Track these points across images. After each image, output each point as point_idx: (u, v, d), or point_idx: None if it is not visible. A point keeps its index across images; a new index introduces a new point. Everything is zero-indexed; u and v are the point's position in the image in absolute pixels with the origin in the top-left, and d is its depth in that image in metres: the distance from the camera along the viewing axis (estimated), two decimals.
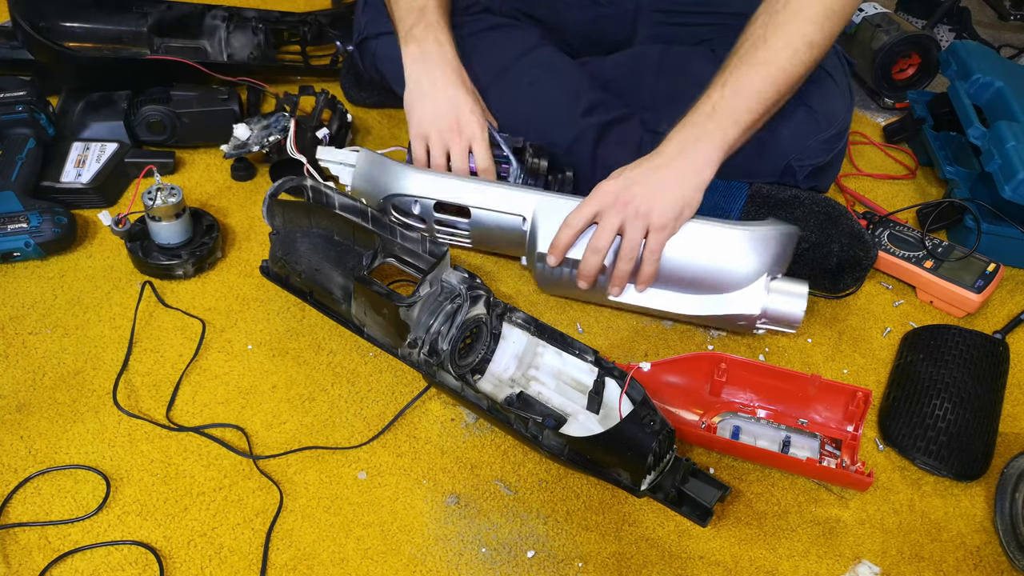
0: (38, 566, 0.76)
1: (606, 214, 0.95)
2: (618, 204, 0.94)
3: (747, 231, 0.96)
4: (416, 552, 0.81)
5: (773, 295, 0.98)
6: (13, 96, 1.12)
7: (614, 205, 0.94)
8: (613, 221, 0.95)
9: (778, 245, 0.98)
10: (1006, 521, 0.86)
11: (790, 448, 0.91)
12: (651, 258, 0.96)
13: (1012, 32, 1.81)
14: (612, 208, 0.95)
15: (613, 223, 0.95)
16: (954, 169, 1.26)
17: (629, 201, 0.94)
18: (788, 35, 0.96)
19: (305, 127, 1.16)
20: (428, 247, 0.95)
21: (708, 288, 0.98)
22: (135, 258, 1.03)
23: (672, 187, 0.94)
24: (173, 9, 1.31)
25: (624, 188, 0.94)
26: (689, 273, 0.98)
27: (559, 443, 0.83)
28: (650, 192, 0.94)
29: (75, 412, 0.89)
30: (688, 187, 0.95)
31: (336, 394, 0.94)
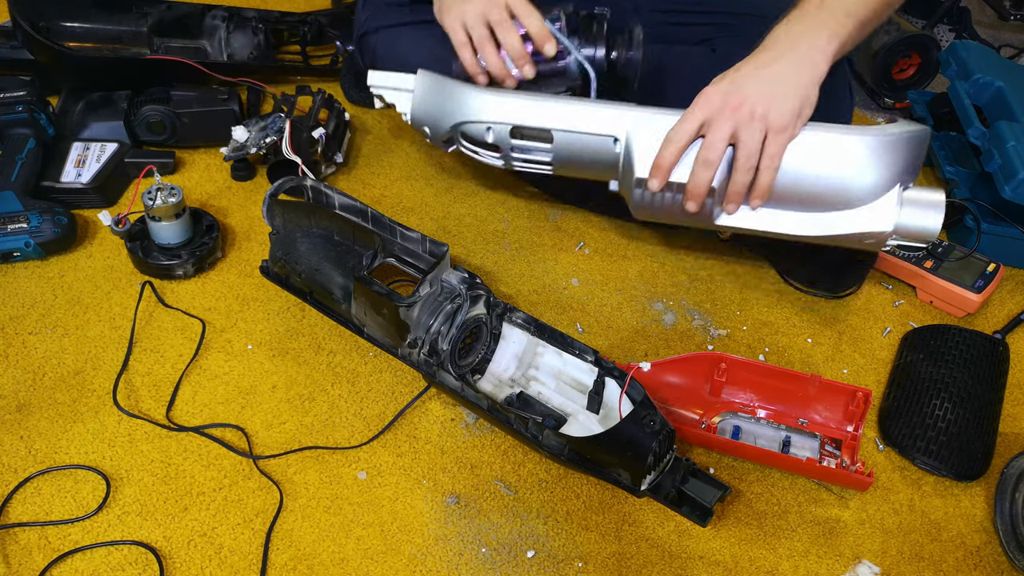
0: (38, 566, 0.76)
1: (715, 122, 0.84)
2: (728, 109, 0.83)
3: (874, 137, 0.84)
4: (416, 552, 0.81)
5: (907, 208, 0.87)
6: (13, 96, 1.12)
7: (723, 110, 0.83)
8: (725, 129, 0.83)
9: (909, 150, 0.85)
10: (1006, 521, 0.86)
11: (790, 448, 0.91)
12: (771, 165, 0.84)
13: (1012, 32, 1.81)
14: (722, 114, 0.83)
15: (725, 131, 0.83)
16: (954, 169, 1.26)
17: (741, 104, 0.83)
18: None
19: (301, 127, 1.16)
20: (428, 247, 0.95)
21: (832, 204, 0.87)
22: (135, 258, 1.03)
23: (788, 82, 0.83)
24: (173, 9, 1.31)
25: (734, 90, 0.84)
26: (812, 186, 0.86)
27: (559, 443, 0.83)
28: (764, 90, 0.83)
29: (75, 412, 0.89)
30: (805, 81, 0.84)
31: (336, 394, 0.94)
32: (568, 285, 1.10)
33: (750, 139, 0.83)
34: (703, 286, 1.12)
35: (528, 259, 1.13)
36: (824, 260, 1.06)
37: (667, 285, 1.11)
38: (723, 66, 1.11)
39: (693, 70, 1.14)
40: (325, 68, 1.41)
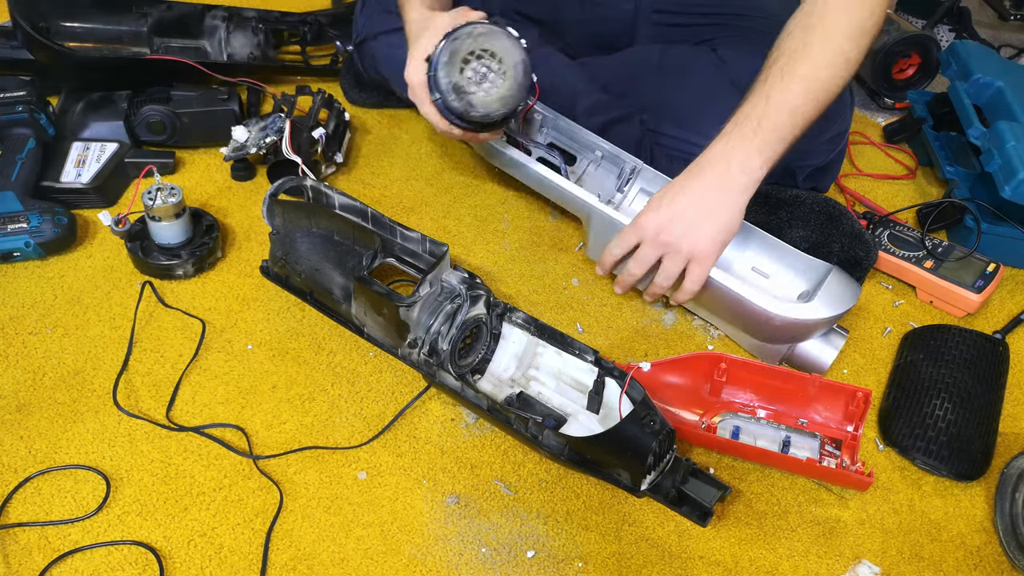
0: (38, 566, 0.76)
1: (645, 246, 0.95)
2: (657, 242, 0.94)
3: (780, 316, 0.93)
4: (416, 552, 0.81)
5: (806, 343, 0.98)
6: (13, 96, 1.12)
7: (653, 241, 0.94)
8: (652, 255, 0.95)
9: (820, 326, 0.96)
10: (1006, 521, 0.86)
11: (790, 448, 0.91)
12: (690, 288, 0.96)
13: (1012, 32, 1.81)
14: (651, 244, 0.95)
15: (651, 256, 0.96)
16: (954, 169, 1.26)
17: (669, 241, 0.93)
18: (827, 52, 0.93)
19: (301, 127, 1.16)
20: (428, 247, 0.95)
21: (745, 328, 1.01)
22: (135, 258, 1.03)
23: (716, 218, 0.92)
24: (173, 9, 1.31)
25: (665, 225, 0.93)
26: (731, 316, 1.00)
27: (559, 443, 0.83)
28: (692, 227, 0.92)
29: (75, 412, 0.89)
30: (732, 213, 0.93)
31: (336, 394, 0.94)
32: (568, 285, 1.10)
33: (672, 266, 0.95)
34: None
35: (528, 259, 1.13)
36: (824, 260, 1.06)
37: None
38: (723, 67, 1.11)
39: (693, 70, 1.14)
40: (325, 68, 1.41)
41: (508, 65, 0.84)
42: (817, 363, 0.98)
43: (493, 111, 0.87)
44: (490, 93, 0.86)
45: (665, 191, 0.95)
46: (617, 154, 1.08)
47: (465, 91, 0.87)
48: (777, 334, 0.97)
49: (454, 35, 0.85)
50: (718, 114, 1.10)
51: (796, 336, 0.97)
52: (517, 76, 0.84)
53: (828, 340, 0.98)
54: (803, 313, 0.93)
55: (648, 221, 0.95)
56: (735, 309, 0.98)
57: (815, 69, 0.92)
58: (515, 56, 0.84)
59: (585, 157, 1.12)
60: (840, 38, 0.93)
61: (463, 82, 0.87)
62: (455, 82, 0.87)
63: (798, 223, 1.07)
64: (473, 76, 0.87)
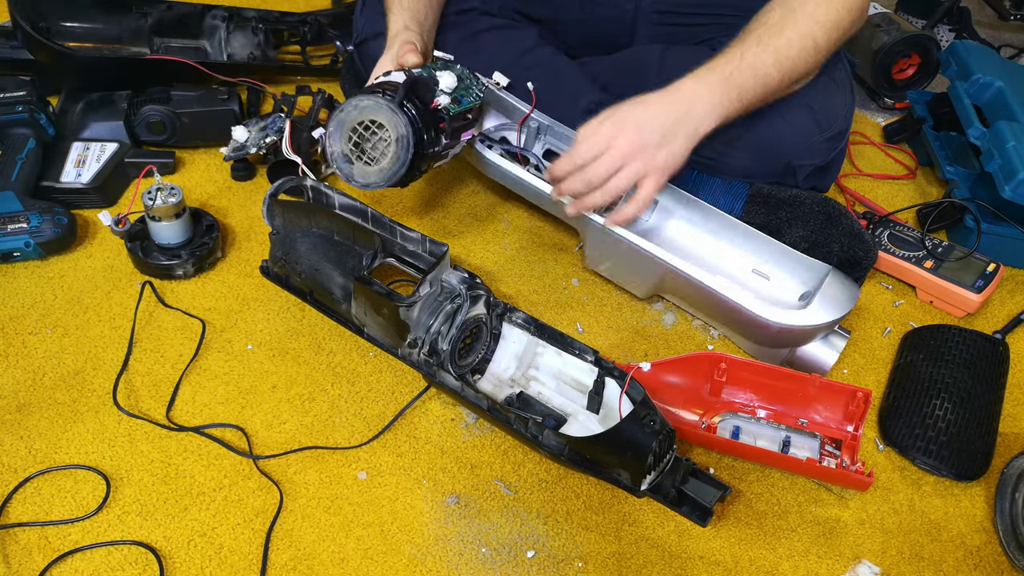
0: (38, 566, 0.76)
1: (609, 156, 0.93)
2: (619, 153, 0.92)
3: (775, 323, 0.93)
4: (416, 552, 0.81)
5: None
6: (13, 96, 1.12)
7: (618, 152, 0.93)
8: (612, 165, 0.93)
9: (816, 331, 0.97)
10: (1006, 521, 0.86)
11: (790, 448, 0.91)
12: (645, 198, 0.95)
13: (1012, 32, 1.81)
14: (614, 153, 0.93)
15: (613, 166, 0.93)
16: (954, 169, 1.26)
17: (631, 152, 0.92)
18: (802, 32, 0.97)
19: (301, 127, 1.16)
20: (428, 247, 0.95)
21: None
22: (135, 258, 1.03)
23: (673, 143, 0.93)
24: (173, 9, 1.31)
25: (633, 137, 0.92)
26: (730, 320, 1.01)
27: (559, 443, 0.83)
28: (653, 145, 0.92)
29: (75, 412, 0.89)
30: (685, 148, 0.94)
31: (336, 394, 0.94)
32: (568, 285, 1.10)
33: (629, 176, 0.93)
34: None
35: (528, 259, 1.13)
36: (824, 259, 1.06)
37: None
38: None
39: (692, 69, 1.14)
40: (325, 68, 1.41)
41: (392, 139, 0.85)
42: (818, 365, 0.98)
43: (372, 183, 0.88)
44: (370, 165, 0.87)
45: (631, 107, 0.94)
46: None
47: (348, 161, 0.88)
48: (776, 340, 0.97)
49: (341, 106, 0.87)
50: None
51: (796, 341, 0.97)
52: (398, 152, 0.84)
53: (829, 342, 0.99)
54: (801, 319, 0.93)
55: (616, 134, 0.93)
56: (734, 316, 0.98)
57: (788, 46, 0.97)
58: (398, 131, 0.84)
59: None
60: (815, 26, 0.97)
61: (347, 151, 0.88)
62: (339, 151, 0.88)
63: (798, 223, 1.07)
64: (359, 145, 0.87)
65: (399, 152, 0.84)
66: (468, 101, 0.95)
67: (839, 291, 0.96)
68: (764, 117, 1.08)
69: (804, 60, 0.98)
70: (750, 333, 0.99)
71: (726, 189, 1.11)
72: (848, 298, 0.95)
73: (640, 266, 1.01)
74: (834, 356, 0.98)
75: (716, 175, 1.12)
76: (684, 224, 1.07)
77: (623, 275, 1.07)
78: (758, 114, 1.08)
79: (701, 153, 1.12)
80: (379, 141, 0.85)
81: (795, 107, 1.07)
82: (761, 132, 1.07)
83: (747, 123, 1.09)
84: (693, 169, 1.13)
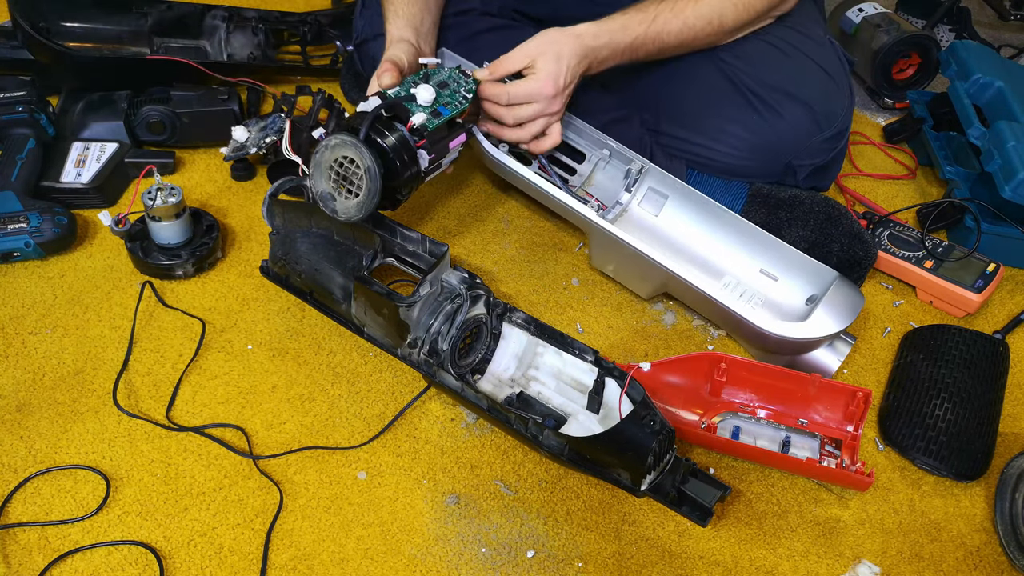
0: (38, 566, 0.76)
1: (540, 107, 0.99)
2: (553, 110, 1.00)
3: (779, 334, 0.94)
4: (416, 552, 0.81)
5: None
6: (13, 96, 1.12)
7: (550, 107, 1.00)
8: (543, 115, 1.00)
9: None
10: (1006, 521, 0.86)
11: (790, 448, 0.91)
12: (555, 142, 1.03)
13: (1012, 32, 1.81)
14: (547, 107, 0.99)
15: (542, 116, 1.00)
16: (954, 169, 1.26)
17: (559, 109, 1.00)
18: (712, 7, 1.02)
19: (301, 127, 1.15)
20: (428, 247, 0.95)
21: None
22: (135, 258, 1.03)
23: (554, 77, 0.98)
24: (173, 9, 1.31)
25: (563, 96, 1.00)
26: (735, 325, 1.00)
27: (559, 443, 0.83)
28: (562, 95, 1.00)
29: (75, 412, 0.89)
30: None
31: (336, 394, 0.94)
32: (568, 285, 1.10)
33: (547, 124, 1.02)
34: None
35: (528, 259, 1.13)
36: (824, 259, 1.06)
37: None
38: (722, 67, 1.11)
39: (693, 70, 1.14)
40: (325, 68, 1.41)
41: (362, 171, 0.86)
42: (821, 369, 0.98)
43: (352, 216, 0.89)
44: (349, 199, 0.89)
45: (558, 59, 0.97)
46: (624, 152, 1.08)
47: (331, 199, 0.90)
48: (779, 349, 0.97)
49: (317, 147, 0.89)
50: (718, 113, 1.10)
51: (799, 350, 0.97)
52: (369, 184, 0.86)
53: (834, 348, 0.99)
54: (804, 332, 0.93)
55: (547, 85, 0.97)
56: (734, 325, 0.99)
57: (696, 18, 1.02)
58: (365, 163, 0.86)
59: (593, 155, 1.12)
60: (728, 2, 1.03)
61: (329, 189, 0.90)
62: (321, 191, 0.90)
63: (798, 223, 1.07)
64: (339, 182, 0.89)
65: (370, 184, 0.86)
66: (450, 110, 0.95)
67: (844, 299, 0.95)
68: (764, 117, 1.08)
69: (707, 35, 1.04)
70: (753, 340, 0.99)
71: (726, 189, 1.12)
72: (852, 307, 0.95)
73: (643, 269, 1.01)
74: (837, 362, 0.98)
75: (716, 175, 1.12)
76: (691, 222, 1.07)
77: (627, 276, 1.07)
78: (758, 114, 1.08)
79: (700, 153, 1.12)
80: (355, 173, 0.87)
81: (795, 107, 1.07)
82: (761, 132, 1.07)
83: (747, 123, 1.09)
84: (692, 168, 1.13)
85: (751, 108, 1.08)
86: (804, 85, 1.08)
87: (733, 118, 1.09)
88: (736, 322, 0.97)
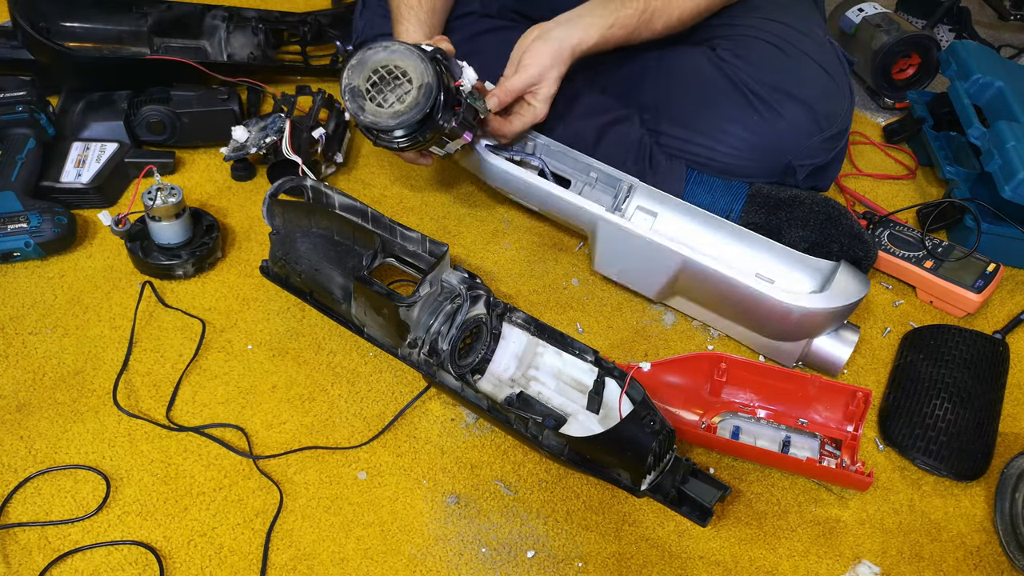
0: (38, 566, 0.76)
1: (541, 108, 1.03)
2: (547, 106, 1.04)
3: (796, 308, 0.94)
4: (416, 552, 0.81)
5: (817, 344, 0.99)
6: (13, 96, 1.12)
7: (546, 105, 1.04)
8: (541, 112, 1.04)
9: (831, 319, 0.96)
10: (1006, 521, 0.86)
11: (790, 448, 0.91)
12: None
13: (1012, 32, 1.81)
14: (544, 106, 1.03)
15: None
16: (954, 169, 1.26)
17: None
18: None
19: (301, 127, 1.16)
20: (428, 247, 0.95)
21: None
22: (135, 258, 1.03)
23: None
24: (173, 9, 1.31)
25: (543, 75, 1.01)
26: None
27: (559, 443, 0.83)
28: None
29: (75, 412, 0.89)
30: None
31: (336, 394, 0.94)
32: (568, 285, 1.10)
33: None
34: None
35: (528, 259, 1.13)
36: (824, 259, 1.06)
37: None
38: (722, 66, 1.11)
39: (692, 70, 1.14)
40: (325, 68, 1.41)
41: (415, 86, 0.85)
42: (833, 360, 0.98)
43: (381, 123, 0.88)
44: (383, 106, 0.87)
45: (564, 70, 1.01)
46: (612, 173, 1.07)
47: (361, 96, 0.88)
48: (796, 329, 0.96)
49: (372, 44, 0.87)
50: (718, 113, 1.10)
51: (813, 330, 0.96)
52: (419, 99, 0.85)
53: (841, 337, 0.98)
54: (821, 303, 0.93)
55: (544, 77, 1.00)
56: (750, 309, 0.97)
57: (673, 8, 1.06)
58: (424, 79, 0.84)
59: (579, 180, 1.11)
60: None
61: (362, 88, 0.88)
62: (355, 85, 0.88)
63: (798, 223, 1.07)
64: (376, 87, 0.88)
65: (420, 99, 0.84)
66: (480, 104, 0.96)
67: (851, 279, 0.96)
68: (764, 117, 1.08)
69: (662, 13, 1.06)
70: (767, 327, 0.98)
71: (726, 189, 1.12)
72: (861, 283, 0.96)
73: (655, 263, 0.99)
74: (848, 351, 0.98)
75: (716, 174, 1.12)
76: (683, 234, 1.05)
77: (635, 276, 1.06)
78: (758, 114, 1.08)
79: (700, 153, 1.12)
80: (396, 89, 0.85)
81: (795, 107, 1.07)
82: (761, 132, 1.07)
83: (747, 123, 1.09)
84: (692, 168, 1.13)
85: (751, 108, 1.08)
86: (804, 85, 1.08)
87: (733, 118, 1.09)
88: (750, 306, 0.95)
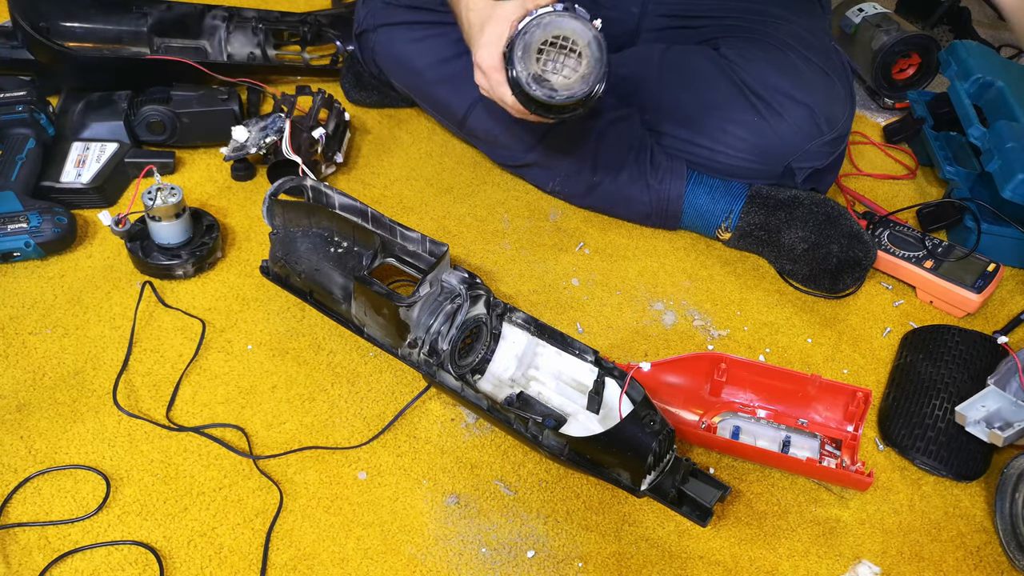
0: (38, 566, 0.76)
1: None
2: None
3: None
4: (416, 552, 0.81)
5: None
6: (13, 96, 1.12)
7: None
8: None
9: None
10: (1006, 521, 0.86)
11: (790, 448, 0.91)
12: None
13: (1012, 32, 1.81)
14: None
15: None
16: (954, 169, 1.26)
17: None
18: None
19: (301, 127, 1.16)
20: (428, 247, 0.95)
21: None
22: (135, 258, 1.03)
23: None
24: (173, 9, 1.31)
25: None
26: None
27: (559, 443, 0.83)
28: None
29: (75, 412, 0.89)
30: None
31: (336, 394, 0.94)
32: (568, 285, 1.10)
33: None
34: (703, 286, 1.12)
35: (528, 259, 1.13)
36: (824, 260, 1.06)
37: (667, 285, 1.11)
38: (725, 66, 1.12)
39: (695, 70, 1.14)
40: (325, 68, 1.41)
41: (582, 45, 0.85)
42: None
43: (577, 91, 0.87)
44: (570, 77, 0.87)
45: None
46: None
47: (545, 79, 0.88)
48: None
49: (523, 28, 0.86)
50: (720, 114, 1.10)
51: None
52: (593, 53, 0.85)
53: None
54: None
55: None
56: None
57: None
58: (587, 35, 0.84)
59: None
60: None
61: (541, 71, 0.87)
62: (534, 72, 0.87)
63: (797, 223, 1.07)
64: (550, 63, 0.87)
65: (593, 53, 0.84)
66: None
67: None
68: (766, 118, 1.08)
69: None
70: None
71: (726, 189, 1.12)
72: None
73: None
74: None
75: (715, 175, 1.12)
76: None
77: None
78: (759, 115, 1.08)
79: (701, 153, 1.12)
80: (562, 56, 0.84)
81: (797, 109, 1.07)
82: (763, 133, 1.08)
83: (749, 124, 1.09)
84: (692, 168, 1.13)
85: (753, 109, 1.08)
86: (807, 88, 1.08)
87: (735, 119, 1.09)
88: None
